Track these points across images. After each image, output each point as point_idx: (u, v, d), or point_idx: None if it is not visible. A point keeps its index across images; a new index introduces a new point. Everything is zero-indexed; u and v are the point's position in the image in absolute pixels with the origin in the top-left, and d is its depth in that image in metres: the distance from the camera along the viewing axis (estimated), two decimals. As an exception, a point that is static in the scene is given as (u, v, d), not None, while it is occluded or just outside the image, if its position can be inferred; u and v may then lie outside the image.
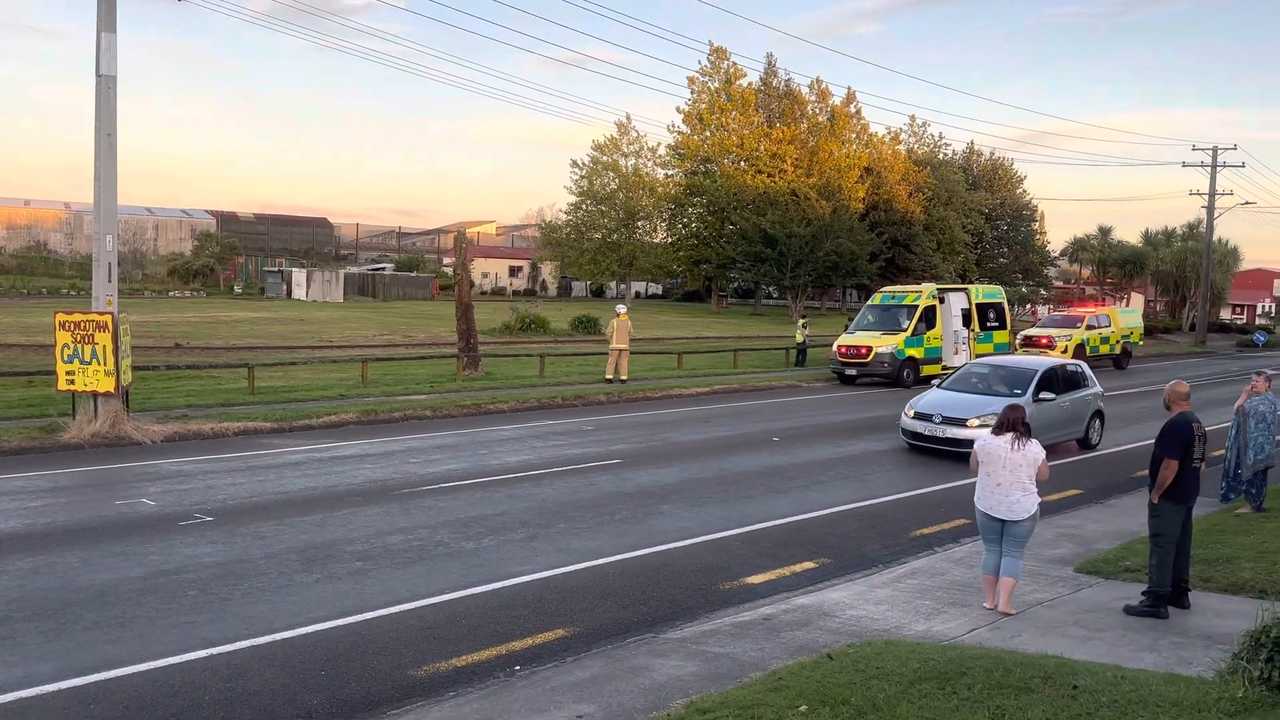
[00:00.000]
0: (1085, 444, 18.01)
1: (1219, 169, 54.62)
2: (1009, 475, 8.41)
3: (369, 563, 9.72)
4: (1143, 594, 8.63)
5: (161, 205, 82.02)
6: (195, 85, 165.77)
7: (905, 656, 6.84)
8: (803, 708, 5.91)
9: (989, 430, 8.71)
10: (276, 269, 67.94)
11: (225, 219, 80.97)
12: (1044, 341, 35.89)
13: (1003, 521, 8.47)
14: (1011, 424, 8.51)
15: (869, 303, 31.96)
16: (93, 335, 15.82)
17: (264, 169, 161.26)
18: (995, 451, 8.44)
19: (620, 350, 25.68)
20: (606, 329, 27.14)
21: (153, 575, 9.13)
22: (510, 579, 9.36)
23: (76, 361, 15.92)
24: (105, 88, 15.93)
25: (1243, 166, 56.43)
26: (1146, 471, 8.81)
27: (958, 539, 11.33)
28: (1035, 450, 8.47)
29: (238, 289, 66.56)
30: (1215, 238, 59.23)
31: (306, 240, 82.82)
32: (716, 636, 7.92)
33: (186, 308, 48.92)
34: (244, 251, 74.06)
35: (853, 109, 71.76)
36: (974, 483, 8.83)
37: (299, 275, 64.08)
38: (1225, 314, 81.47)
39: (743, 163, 65.72)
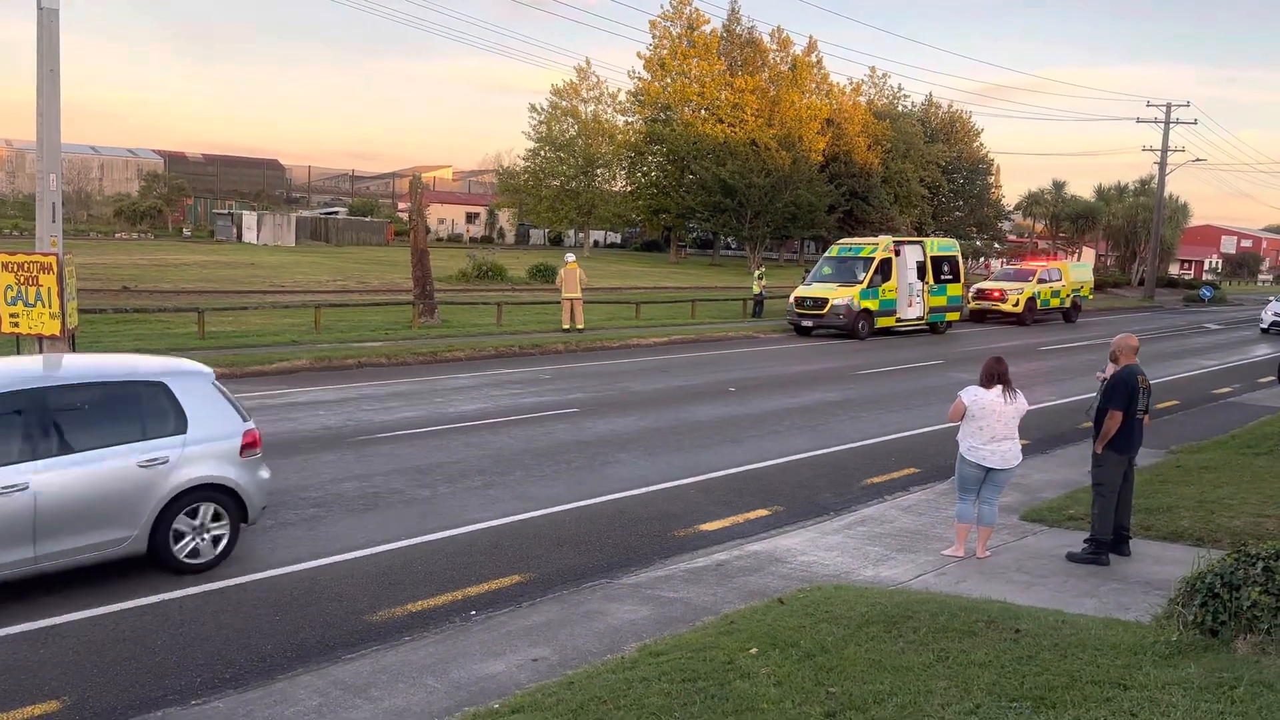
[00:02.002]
0: None
1: (1172, 125, 55.28)
2: (1002, 427, 8.57)
3: (323, 509, 9.69)
4: (1085, 541, 8.87)
5: (107, 144, 79.71)
6: (142, 21, 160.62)
7: (854, 601, 6.99)
8: (753, 650, 6.03)
9: (975, 384, 8.83)
10: (226, 211, 66.55)
11: (173, 159, 78.96)
12: (996, 295, 36.40)
13: (989, 470, 8.65)
14: (999, 376, 8.65)
15: (826, 255, 32.14)
16: (37, 277, 15.41)
17: (213, 108, 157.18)
18: (989, 405, 8.56)
19: (573, 299, 25.60)
20: (556, 279, 27.00)
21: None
22: (466, 526, 9.38)
23: (20, 304, 15.52)
24: (47, 21, 15.35)
25: (1195, 124, 57.27)
26: (1090, 423, 9.01)
27: (907, 487, 11.54)
28: (1023, 401, 8.76)
29: (186, 231, 65.13)
30: (1166, 194, 60.11)
31: (257, 182, 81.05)
32: (671, 582, 8.02)
33: (134, 250, 47.82)
34: (193, 193, 72.36)
35: (814, 58, 71.40)
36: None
37: (249, 218, 62.81)
38: (1174, 269, 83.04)
39: (703, 111, 65.23)
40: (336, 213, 73.07)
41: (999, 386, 8.61)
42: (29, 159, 65.45)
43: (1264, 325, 35.43)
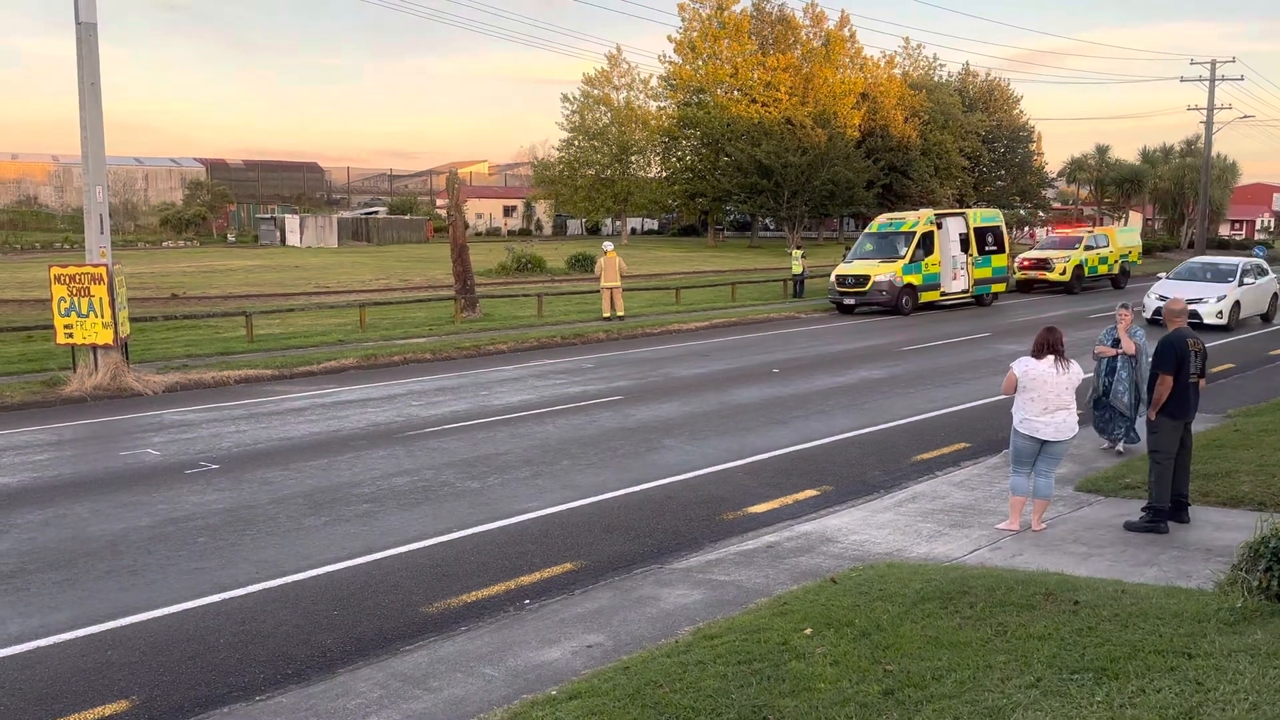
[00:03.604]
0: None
1: (1217, 83, 53.90)
2: (1056, 398, 8.44)
3: (376, 504, 9.81)
4: (1143, 510, 8.72)
5: (150, 155, 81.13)
6: (178, 31, 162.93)
7: (908, 578, 6.93)
8: (808, 630, 6.01)
9: (1028, 355, 8.71)
10: (269, 216, 67.50)
11: (215, 167, 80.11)
12: (1041, 264, 35.76)
13: (1043, 442, 8.53)
14: (1051, 346, 8.51)
15: (866, 231, 31.80)
16: (88, 288, 15.76)
17: (251, 114, 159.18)
18: (1041, 375, 8.43)
19: (613, 288, 25.61)
20: (595, 268, 27.03)
21: (161, 524, 9.22)
22: (516, 516, 9.45)
23: (74, 315, 15.89)
24: (86, 35, 15.64)
25: (1241, 80, 55.78)
26: (1145, 390, 8.84)
27: (958, 462, 11.42)
28: (1077, 370, 8.57)
29: (231, 237, 66.16)
30: (1214, 153, 58.70)
31: (298, 186, 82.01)
32: (722, 565, 8.02)
33: (181, 258, 48.68)
34: (235, 199, 73.50)
35: (847, 32, 70.58)
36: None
37: (292, 221, 63.68)
38: (1224, 230, 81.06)
39: (736, 92, 64.81)
40: (376, 212, 73.79)
41: (1051, 357, 8.46)
42: (76, 173, 66.81)
43: (1147, 314, 23.64)
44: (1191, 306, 21.34)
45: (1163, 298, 22.38)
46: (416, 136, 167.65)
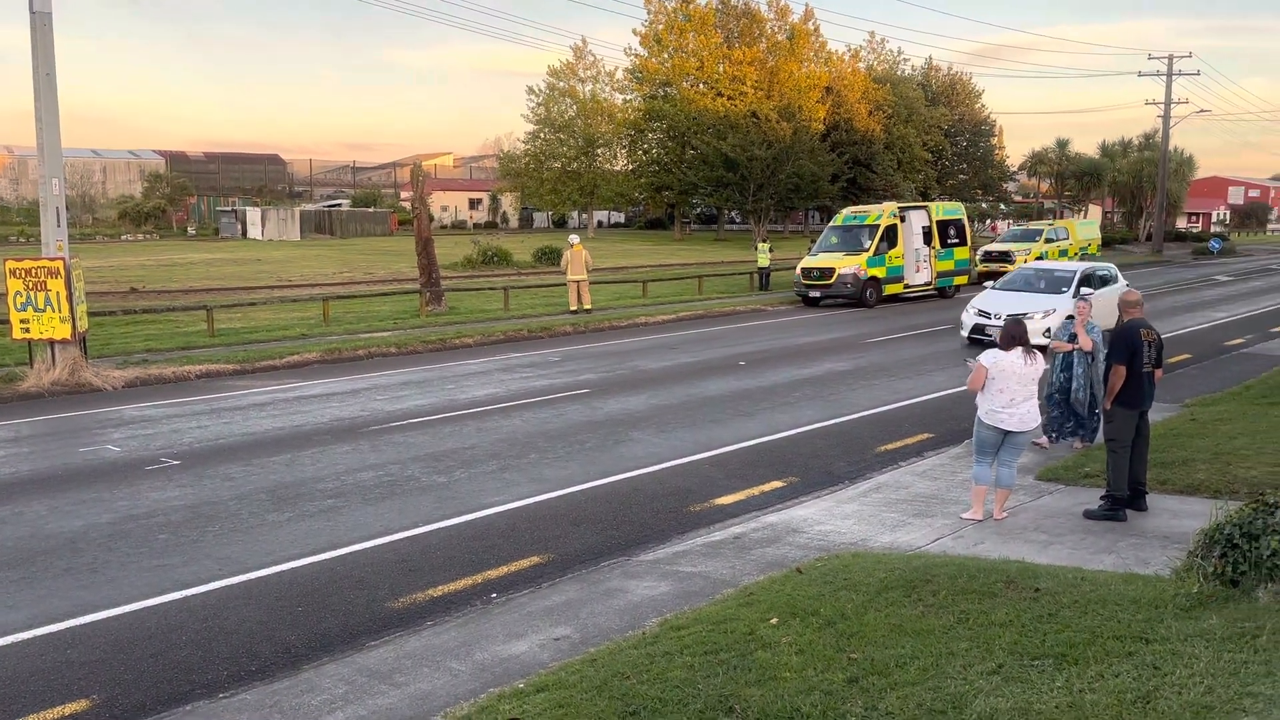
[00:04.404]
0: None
1: (1174, 78, 54.74)
2: (1022, 389, 8.54)
3: (340, 500, 9.74)
4: (1101, 498, 8.86)
5: (108, 147, 79.87)
6: (136, 21, 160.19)
7: (872, 567, 7.00)
8: (774, 620, 6.05)
9: (994, 348, 8.79)
10: (230, 208, 66.67)
11: (175, 159, 79.04)
12: (1002, 256, 36.16)
13: (1006, 433, 8.63)
14: (1018, 338, 8.62)
15: (831, 224, 31.97)
16: (45, 282, 15.49)
17: (211, 106, 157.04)
18: (1009, 367, 8.53)
19: (579, 281, 25.58)
20: (562, 261, 26.98)
21: (122, 520, 9.09)
22: (483, 510, 9.42)
23: (30, 309, 15.61)
24: (40, 25, 15.34)
25: (1198, 75, 56.75)
26: (1102, 380, 8.98)
27: (921, 453, 11.53)
28: (1042, 362, 8.73)
29: (191, 230, 65.26)
30: (1171, 147, 59.61)
31: (259, 178, 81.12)
32: (689, 556, 8.05)
33: (140, 251, 47.95)
34: (195, 192, 72.53)
35: (811, 26, 70.82)
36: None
37: (253, 214, 62.93)
38: (1181, 223, 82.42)
39: (702, 85, 64.85)
40: (340, 205, 73.09)
41: (1019, 348, 8.57)
42: (31, 165, 65.48)
43: (965, 331, 20.05)
44: None
45: (982, 313, 19.32)
46: (379, 129, 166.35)
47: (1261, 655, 5.00)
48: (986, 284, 21.75)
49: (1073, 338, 11.30)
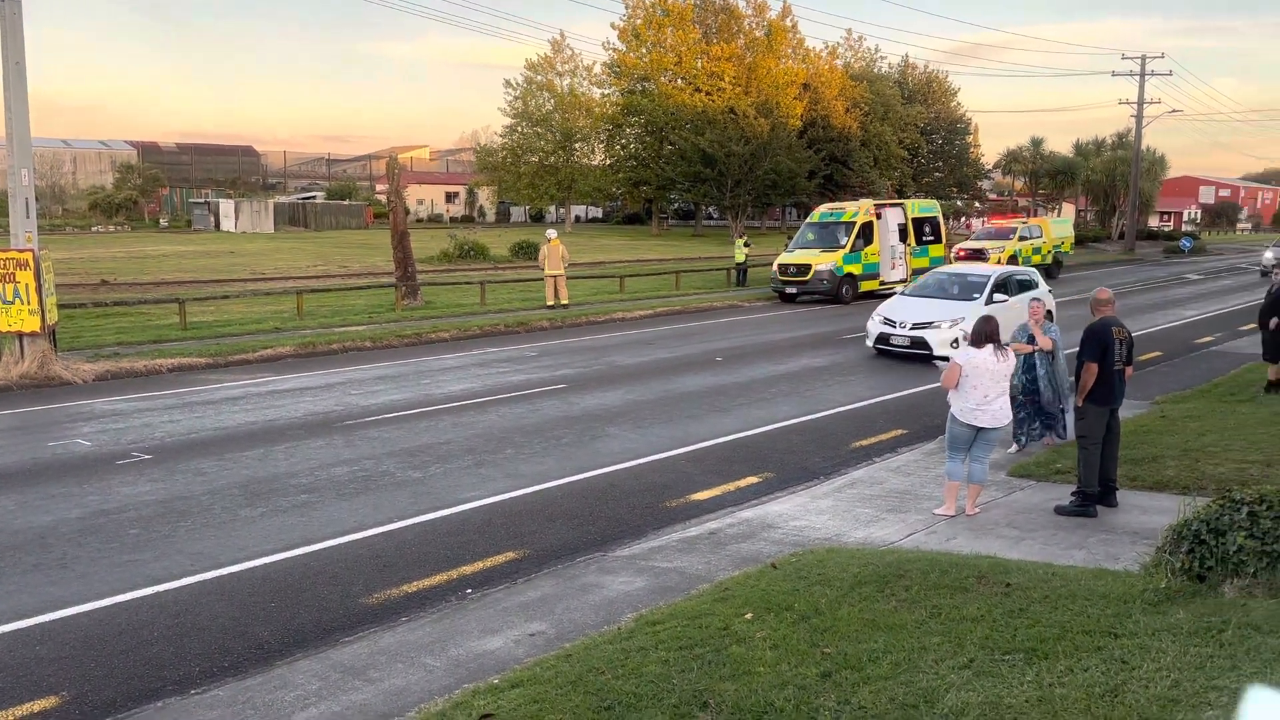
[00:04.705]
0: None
1: (1147, 78, 55.29)
2: (995, 385, 8.62)
3: (314, 495, 9.68)
4: (1072, 494, 8.95)
5: (79, 137, 78.84)
6: (107, 9, 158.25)
7: (846, 562, 7.04)
8: (749, 615, 6.08)
9: (968, 345, 8.86)
10: (203, 200, 65.98)
11: (147, 149, 78.09)
12: (976, 254, 36.43)
13: (979, 429, 8.70)
14: (990, 335, 8.69)
15: (808, 221, 32.08)
16: (14, 274, 15.29)
17: (184, 96, 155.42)
18: (982, 364, 8.60)
19: (556, 275, 25.53)
20: (539, 256, 26.94)
21: (92, 515, 9.00)
22: (459, 505, 9.40)
23: (-2, 302, 15.39)
24: (9, 12, 15.12)
25: (1170, 75, 57.38)
26: (1073, 377, 9.07)
27: (895, 449, 11.61)
28: (1013, 358, 8.87)
29: (164, 222, 64.56)
30: (1144, 146, 60.23)
31: (232, 170, 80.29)
32: (664, 552, 8.07)
33: (111, 243, 47.39)
34: (168, 183, 71.67)
35: (789, 23, 70.93)
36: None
37: (227, 206, 62.29)
38: (1153, 221, 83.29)
39: (680, 81, 64.79)
40: (314, 197, 72.52)
41: (990, 345, 8.65)
42: (0, 155, 64.72)
43: (870, 341, 18.64)
44: (919, 334, 17.57)
45: (888, 321, 18.10)
46: (355, 120, 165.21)
47: (1226, 649, 5.07)
48: (898, 289, 19.57)
49: (1031, 339, 11.18)
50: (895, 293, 21.02)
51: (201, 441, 11.84)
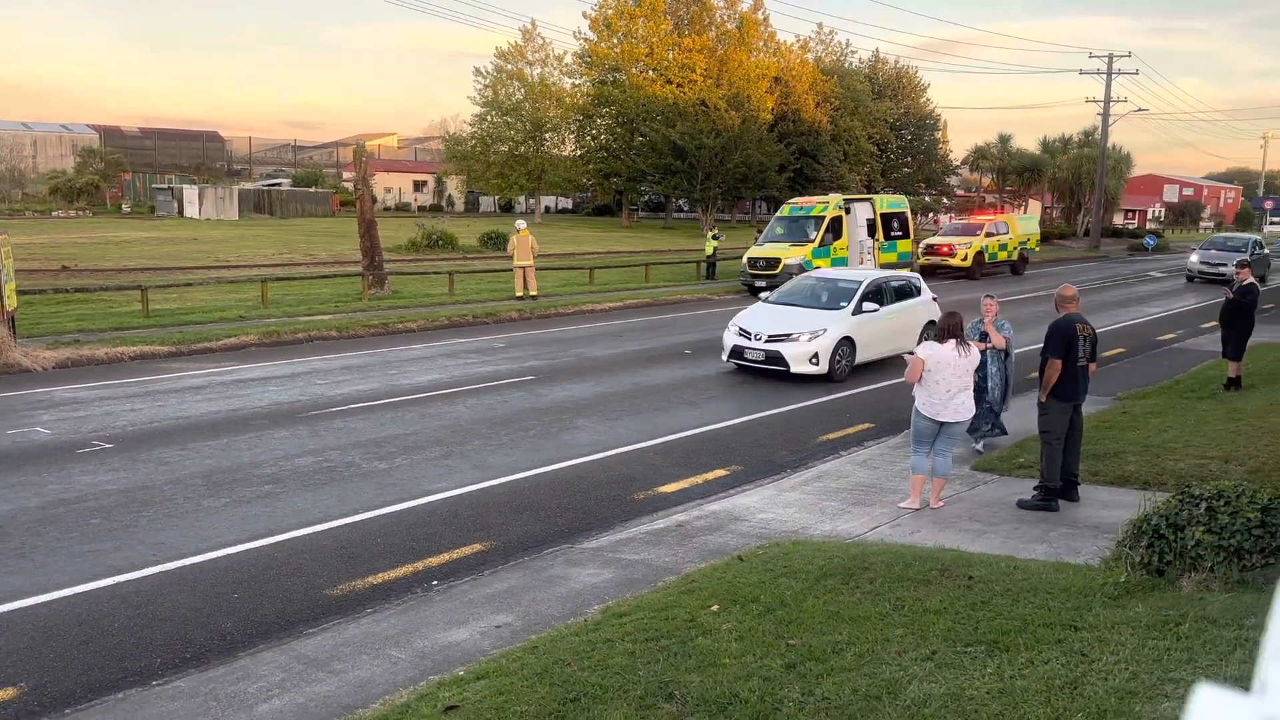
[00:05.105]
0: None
1: (1114, 76, 55.91)
2: (957, 380, 8.69)
3: (279, 486, 9.60)
4: (1035, 488, 9.06)
5: (40, 120, 77.39)
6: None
7: (811, 555, 7.09)
8: (715, 607, 6.11)
9: (930, 341, 8.94)
10: (166, 186, 65.02)
11: (109, 134, 76.82)
12: (944, 250, 36.75)
13: (942, 424, 8.78)
14: (952, 330, 8.76)
15: (777, 215, 32.16)
16: (-30, 259, 15.00)
17: (148, 80, 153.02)
18: (945, 359, 8.68)
19: (525, 266, 25.43)
20: (508, 246, 26.81)
21: (52, 505, 8.87)
22: (425, 497, 9.35)
23: (-46, 287, 15.10)
24: (-34, -9, 14.81)
25: (1136, 74, 57.89)
26: (1037, 373, 9.18)
27: (862, 442, 11.70)
28: (976, 354, 8.89)
29: (126, 207, 63.58)
30: (1109, 144, 60.92)
31: (197, 155, 79.19)
32: (632, 544, 8.08)
33: (72, 228, 46.62)
34: (131, 168, 70.57)
35: (761, 16, 71.05)
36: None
37: (191, 192, 61.43)
38: (1118, 219, 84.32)
39: (651, 72, 64.71)
40: (280, 184, 71.66)
41: (953, 340, 8.74)
42: (-43, 137, 63.36)
43: (725, 355, 16.40)
44: (775, 347, 15.31)
45: (744, 332, 15.87)
46: (322, 107, 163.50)
47: (1183, 643, 5.16)
48: (762, 294, 16.74)
49: (984, 336, 10.99)
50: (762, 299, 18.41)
51: (164, 430, 11.69)
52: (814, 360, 15.07)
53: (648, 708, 4.87)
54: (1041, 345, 9.16)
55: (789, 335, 15.41)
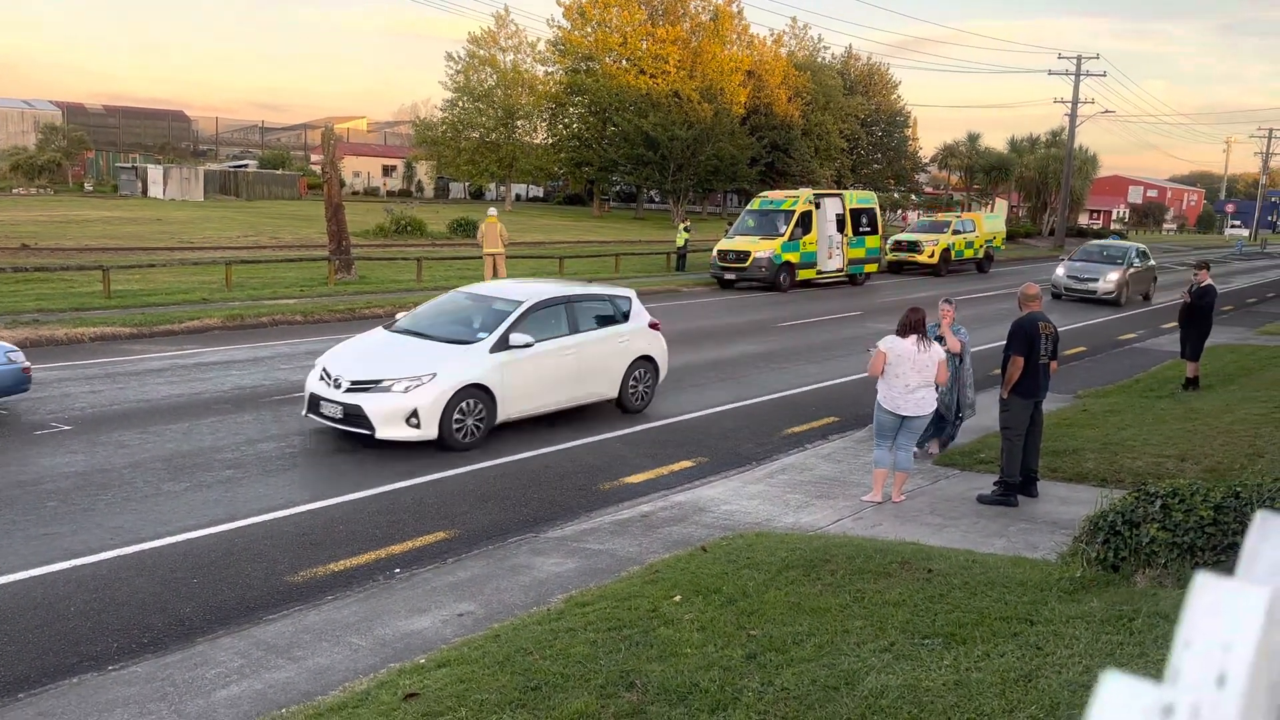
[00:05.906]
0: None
1: (1082, 78, 56.53)
2: (918, 376, 8.76)
3: (240, 471, 9.51)
4: (995, 484, 9.18)
5: (1, 96, 75.84)
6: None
7: (774, 547, 7.14)
8: (677, 598, 6.14)
9: (891, 335, 8.98)
10: (130, 165, 64.02)
11: (72, 111, 75.44)
12: (911, 246, 37.03)
13: (904, 418, 8.85)
14: (913, 325, 8.84)
15: (748, 207, 32.24)
16: (-74, 235, 14.71)
17: (114, 57, 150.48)
18: (904, 353, 8.75)
19: (495, 254, 25.30)
20: (478, 234, 26.67)
21: (7, 487, 8.72)
22: (390, 484, 9.30)
23: (-91, 263, 14.80)
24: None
25: (1104, 75, 58.64)
26: (1000, 370, 9.29)
27: (826, 436, 11.78)
28: (937, 349, 8.95)
29: (88, 186, 62.53)
30: (1076, 145, 61.62)
31: (162, 134, 77.98)
32: (596, 534, 8.09)
33: (32, 206, 45.78)
34: (94, 146, 69.34)
35: (735, 8, 71.05)
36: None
37: (155, 172, 60.48)
38: (1084, 219, 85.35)
39: (625, 62, 64.53)
40: (246, 166, 70.78)
41: (914, 336, 8.82)
42: (-87, 110, 61.91)
43: (304, 409, 11.10)
44: (356, 400, 10.28)
45: (325, 375, 10.79)
46: (291, 88, 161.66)
47: (1136, 637, 5.26)
48: (378, 328, 12.37)
49: (940, 340, 10.40)
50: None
51: (124, 413, 11.53)
52: (413, 421, 10.17)
53: (608, 696, 4.89)
54: (1004, 342, 9.26)
55: (378, 382, 10.34)
